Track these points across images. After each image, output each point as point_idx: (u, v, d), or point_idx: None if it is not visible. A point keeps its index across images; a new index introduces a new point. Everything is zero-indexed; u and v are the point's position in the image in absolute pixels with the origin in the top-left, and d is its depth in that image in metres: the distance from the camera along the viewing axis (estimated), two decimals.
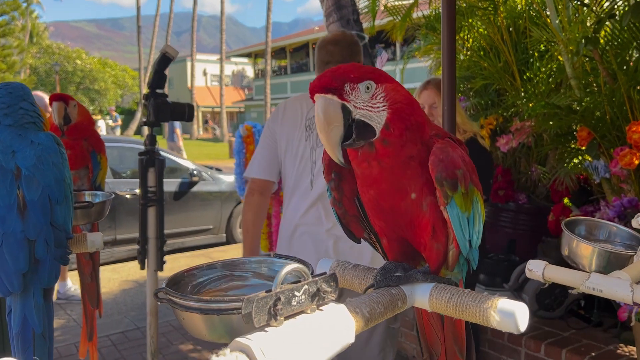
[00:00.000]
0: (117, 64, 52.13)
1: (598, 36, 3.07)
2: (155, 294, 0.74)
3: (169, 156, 7.18)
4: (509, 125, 4.12)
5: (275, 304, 0.62)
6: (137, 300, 5.15)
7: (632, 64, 3.15)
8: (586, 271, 1.10)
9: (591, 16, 3.66)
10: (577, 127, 3.55)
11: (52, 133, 1.27)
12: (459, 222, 0.89)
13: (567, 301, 3.42)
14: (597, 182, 3.49)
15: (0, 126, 1.21)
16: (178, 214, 6.90)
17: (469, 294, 0.82)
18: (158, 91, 2.65)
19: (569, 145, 3.75)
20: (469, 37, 4.50)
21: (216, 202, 7.34)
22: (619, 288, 1.00)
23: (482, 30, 4.44)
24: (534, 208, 4.01)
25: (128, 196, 6.35)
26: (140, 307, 4.88)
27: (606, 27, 3.28)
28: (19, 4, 33.63)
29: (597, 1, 3.70)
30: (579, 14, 3.78)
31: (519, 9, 4.27)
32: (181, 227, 7.01)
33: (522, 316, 0.77)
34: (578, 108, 3.38)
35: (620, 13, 3.12)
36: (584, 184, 3.87)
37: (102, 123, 14.31)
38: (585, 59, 3.54)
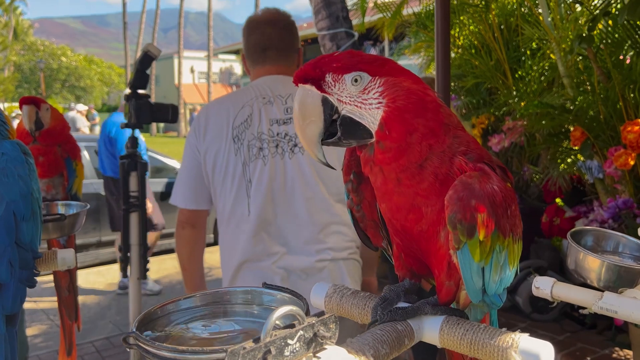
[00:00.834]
0: (103, 61, 51.70)
1: (592, 34, 3.02)
2: (124, 339, 0.64)
3: (155, 155, 7.03)
4: (501, 125, 4.08)
5: (265, 357, 0.52)
6: (121, 304, 5.02)
7: (627, 63, 3.10)
8: (594, 286, 1.03)
9: (584, 14, 3.61)
10: (570, 126, 3.50)
11: (18, 141, 1.16)
12: (469, 271, 0.75)
13: (561, 303, 3.38)
14: (590, 183, 3.44)
15: None
16: (165, 215, 6.74)
17: (485, 330, 0.72)
18: (140, 91, 2.54)
19: (562, 145, 3.71)
20: (460, 34, 4.44)
21: None
22: (635, 309, 0.93)
23: (473, 28, 4.38)
24: (526, 208, 3.96)
25: None
26: (125, 312, 4.75)
27: (600, 25, 3.23)
28: (2, 1, 33.00)
29: None
30: (571, 11, 3.73)
31: (510, 6, 4.22)
32: (167, 228, 6.87)
33: (548, 358, 0.68)
34: (571, 107, 3.33)
35: (614, 11, 3.07)
36: (577, 184, 3.83)
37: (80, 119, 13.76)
38: (579, 57, 3.49)
